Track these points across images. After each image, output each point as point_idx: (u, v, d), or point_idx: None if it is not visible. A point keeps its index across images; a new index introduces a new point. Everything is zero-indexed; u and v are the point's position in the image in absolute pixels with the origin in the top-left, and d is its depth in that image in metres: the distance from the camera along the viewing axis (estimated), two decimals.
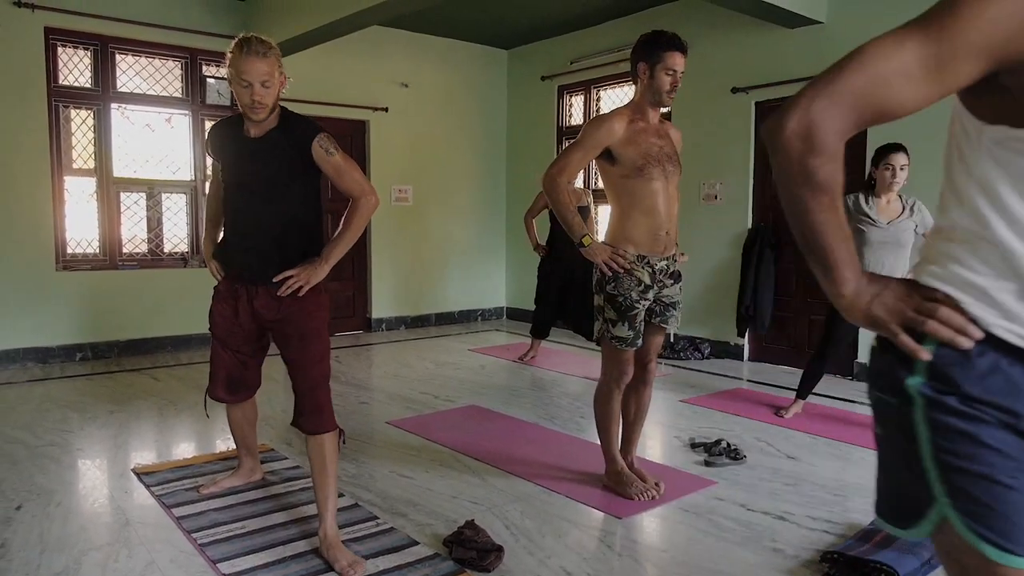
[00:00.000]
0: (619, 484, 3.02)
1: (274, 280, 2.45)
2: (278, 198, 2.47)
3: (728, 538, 2.64)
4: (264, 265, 2.48)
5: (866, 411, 4.31)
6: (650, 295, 2.89)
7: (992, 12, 0.86)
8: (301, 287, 2.44)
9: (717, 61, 5.91)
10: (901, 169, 3.78)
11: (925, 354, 0.98)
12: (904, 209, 3.87)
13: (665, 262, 2.91)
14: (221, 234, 2.74)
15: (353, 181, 2.49)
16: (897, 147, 3.80)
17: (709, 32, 5.94)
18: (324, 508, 2.46)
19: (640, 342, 2.91)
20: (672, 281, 2.96)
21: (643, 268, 2.85)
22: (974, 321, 0.96)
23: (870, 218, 3.81)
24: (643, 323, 2.91)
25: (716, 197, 6.06)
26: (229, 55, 2.38)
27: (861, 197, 3.89)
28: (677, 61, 2.78)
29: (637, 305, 2.86)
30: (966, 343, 0.96)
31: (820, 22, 5.25)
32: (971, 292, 0.97)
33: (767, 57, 5.64)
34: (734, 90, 5.85)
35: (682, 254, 3.03)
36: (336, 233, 2.50)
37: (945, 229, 1.03)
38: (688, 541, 2.63)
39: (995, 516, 0.95)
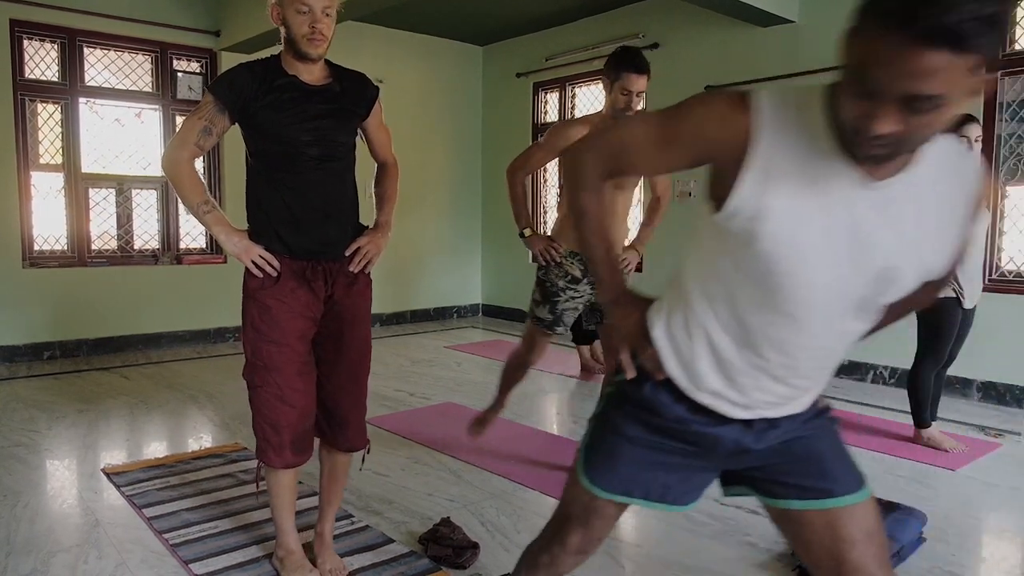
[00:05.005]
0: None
1: (345, 254, 2.17)
2: (346, 155, 2.21)
3: (702, 532, 2.67)
4: (344, 237, 2.18)
5: (835, 405, 4.38)
6: (580, 288, 3.04)
7: (693, 123, 1.17)
8: (371, 260, 2.19)
9: (691, 59, 5.94)
10: (976, 141, 3.38)
11: (632, 372, 1.37)
12: None
13: None
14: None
15: (390, 145, 2.38)
16: (969, 118, 3.39)
17: (683, 30, 5.97)
18: (329, 509, 2.38)
19: (560, 330, 3.09)
20: None
21: (573, 262, 3.02)
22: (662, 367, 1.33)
23: None
24: (570, 318, 3.09)
25: (690, 195, 6.10)
26: None
27: None
28: (632, 82, 2.83)
29: (561, 293, 3.04)
30: (658, 377, 1.33)
31: (792, 21, 5.31)
32: (670, 352, 1.32)
33: (740, 55, 5.69)
34: (708, 88, 5.88)
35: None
36: (382, 200, 2.33)
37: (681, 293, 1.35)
38: (662, 536, 2.65)
39: (604, 467, 1.41)
